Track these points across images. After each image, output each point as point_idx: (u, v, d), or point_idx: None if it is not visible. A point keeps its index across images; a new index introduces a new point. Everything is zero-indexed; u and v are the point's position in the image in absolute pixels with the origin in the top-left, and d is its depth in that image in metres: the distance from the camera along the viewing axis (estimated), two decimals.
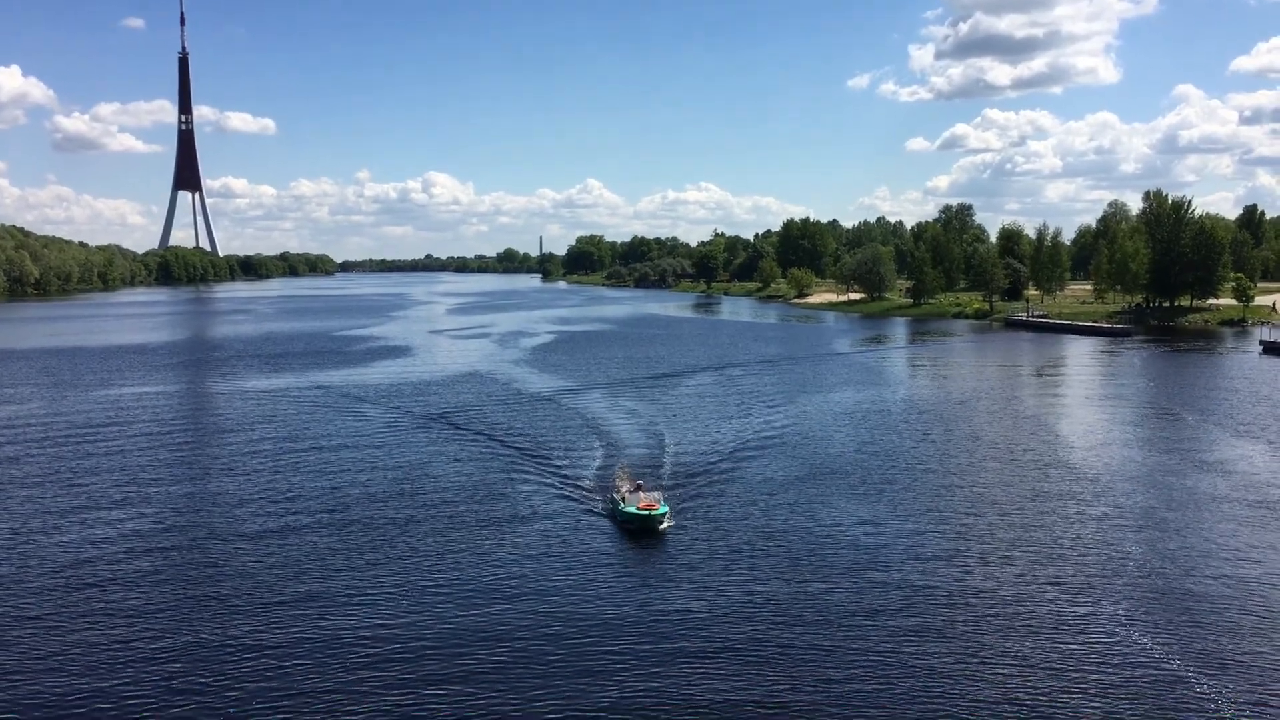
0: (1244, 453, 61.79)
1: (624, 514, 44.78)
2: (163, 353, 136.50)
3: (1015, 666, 30.19)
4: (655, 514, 44.13)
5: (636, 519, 44.29)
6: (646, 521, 44.07)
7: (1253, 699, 28.05)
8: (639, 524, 44.22)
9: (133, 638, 32.93)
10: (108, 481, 55.61)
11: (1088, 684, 29.02)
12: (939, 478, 55.46)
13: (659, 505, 45.08)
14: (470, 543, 43.18)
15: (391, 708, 27.49)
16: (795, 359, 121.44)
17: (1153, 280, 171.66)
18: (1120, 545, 42.62)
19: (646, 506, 44.53)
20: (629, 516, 44.50)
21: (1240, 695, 28.26)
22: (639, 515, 44.19)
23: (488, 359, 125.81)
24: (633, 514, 44.37)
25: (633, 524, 44.36)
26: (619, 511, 45.40)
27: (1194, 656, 30.90)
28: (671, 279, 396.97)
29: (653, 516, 44.03)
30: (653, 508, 44.49)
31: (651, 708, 27.67)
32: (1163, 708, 27.54)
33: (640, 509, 44.37)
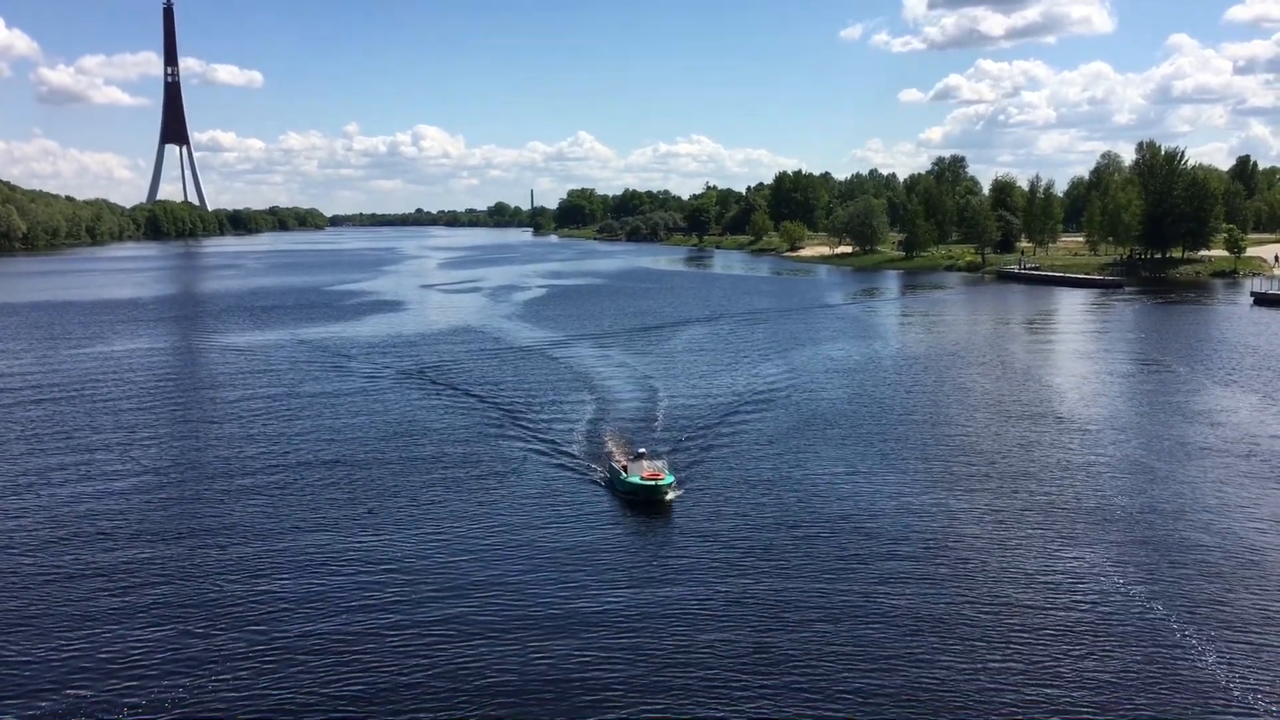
0: (1233, 404, 62.04)
1: (627, 484, 41.97)
2: (153, 308, 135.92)
3: (1003, 613, 30.40)
4: (661, 484, 41.48)
5: (641, 490, 41.48)
6: (652, 492, 41.30)
7: (1236, 645, 28.31)
8: (643, 495, 41.41)
9: (125, 590, 33.01)
10: (100, 435, 55.53)
11: (1074, 629, 29.27)
12: (933, 430, 55.62)
13: (664, 474, 42.32)
14: (462, 516, 40.48)
15: (381, 682, 27.21)
16: (788, 312, 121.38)
17: (1145, 232, 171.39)
18: (1108, 494, 42.88)
19: (651, 476, 41.76)
20: (633, 487, 41.70)
21: (1223, 642, 28.53)
22: (643, 486, 41.42)
23: (479, 314, 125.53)
24: (636, 484, 41.59)
25: (636, 495, 41.56)
26: (621, 481, 42.58)
27: (1179, 604, 31.16)
28: (663, 232, 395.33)
29: (658, 487, 41.34)
30: (658, 477, 41.77)
31: (664, 699, 25.90)
32: (1147, 653, 27.79)
33: (644, 479, 41.61)
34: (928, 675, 26.64)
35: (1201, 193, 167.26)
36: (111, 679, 26.94)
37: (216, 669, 27.41)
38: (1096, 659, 27.54)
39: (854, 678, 26.60)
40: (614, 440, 52.16)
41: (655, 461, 43.62)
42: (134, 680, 26.86)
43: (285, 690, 26.29)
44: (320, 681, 26.73)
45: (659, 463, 43.61)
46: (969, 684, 26.16)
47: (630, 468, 42.62)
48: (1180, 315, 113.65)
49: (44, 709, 25.48)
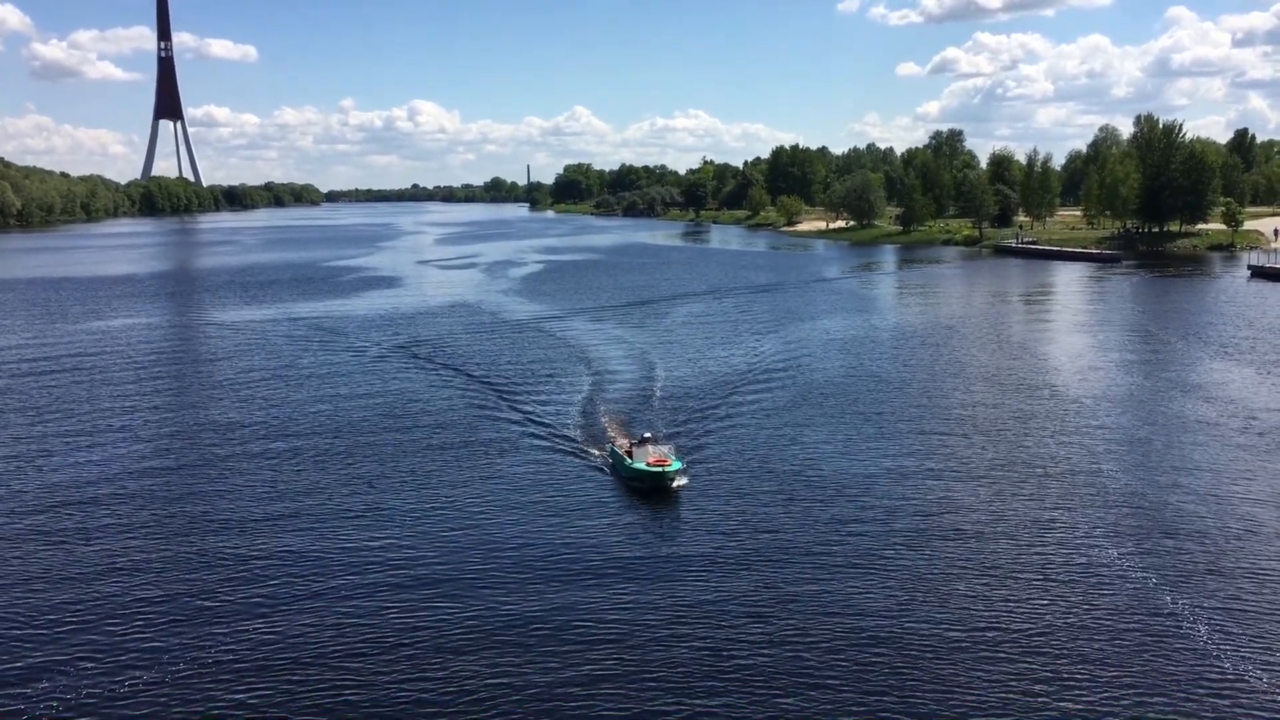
0: (1230, 377, 62.15)
1: (632, 471, 40.01)
2: (150, 284, 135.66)
3: (999, 584, 30.58)
4: (668, 471, 39.48)
5: (647, 477, 39.53)
6: (659, 479, 39.35)
7: (1229, 616, 28.49)
8: (650, 482, 39.52)
9: (120, 564, 33.14)
10: (98, 411, 55.55)
11: (1068, 600, 29.44)
12: (933, 405, 55.76)
13: (671, 460, 40.33)
14: (459, 502, 38.98)
15: (374, 678, 26.76)
16: (785, 287, 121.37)
17: (1142, 205, 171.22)
18: (1103, 466, 43.02)
19: (658, 462, 39.79)
20: (638, 474, 39.77)
21: (1216, 612, 28.70)
22: (649, 473, 39.44)
23: (477, 289, 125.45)
24: (643, 471, 39.62)
25: (642, 482, 39.68)
26: (625, 468, 40.59)
27: (1172, 574, 31.33)
28: (660, 208, 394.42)
29: (665, 474, 39.36)
30: (664, 463, 39.80)
31: (672, 694, 24.74)
32: (1139, 624, 27.96)
33: (651, 465, 39.69)
34: (929, 655, 26.80)
35: (1199, 166, 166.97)
36: (106, 651, 27.08)
37: (211, 644, 27.57)
38: (1090, 630, 27.70)
39: (865, 672, 26.72)
40: (614, 423, 50.55)
41: (661, 446, 41.74)
42: (128, 652, 27.00)
43: (281, 674, 26.43)
44: (313, 666, 26.86)
45: (665, 448, 41.72)
46: (965, 656, 26.35)
47: (635, 453, 40.80)
48: (1177, 289, 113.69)
49: (39, 677, 25.61)
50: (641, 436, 42.80)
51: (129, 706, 24.40)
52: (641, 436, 42.80)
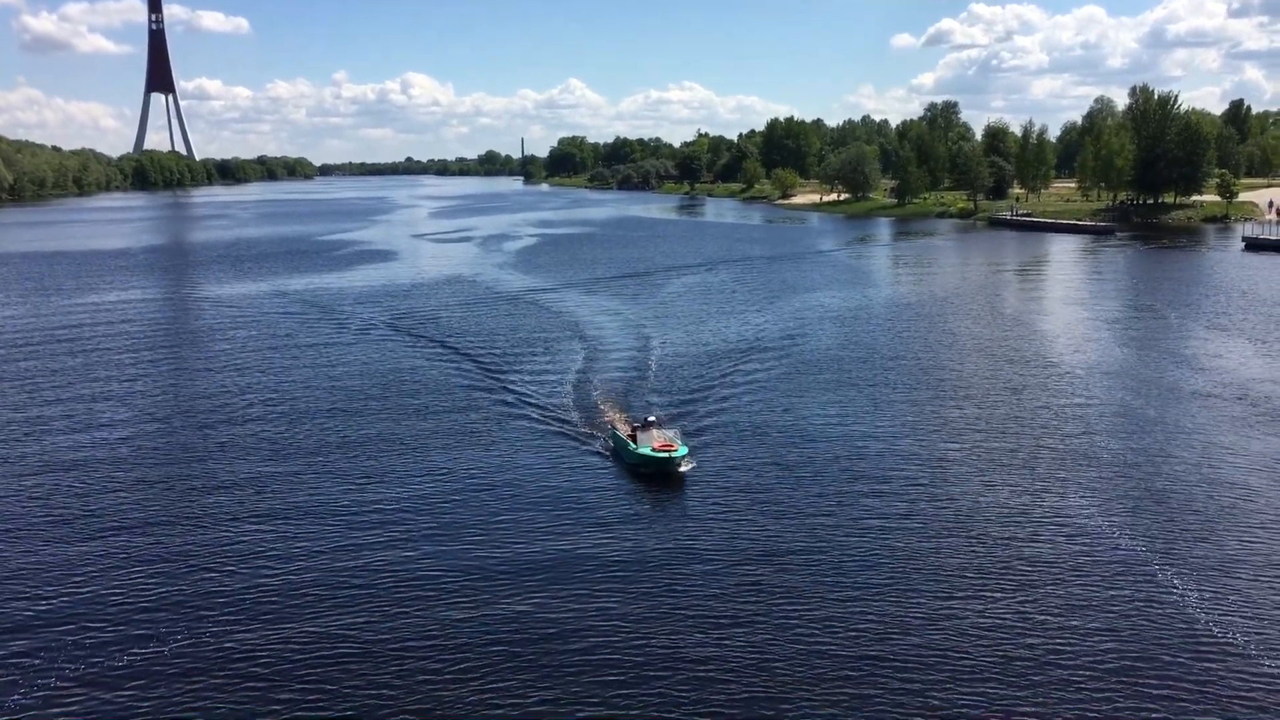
0: (1222, 348, 62.44)
1: (637, 456, 38.60)
2: (143, 258, 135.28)
3: (991, 555, 30.90)
4: (675, 456, 38.19)
5: (652, 461, 38.16)
6: (665, 464, 38.04)
7: (1218, 586, 28.84)
8: (655, 467, 38.16)
9: (114, 535, 33.35)
10: (91, 385, 55.64)
11: (1058, 571, 29.77)
12: (927, 378, 56.01)
13: (677, 445, 39.02)
14: (455, 487, 37.66)
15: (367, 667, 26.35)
16: (781, 260, 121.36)
17: (1137, 177, 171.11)
18: (1096, 437, 43.32)
19: (663, 447, 38.49)
20: (643, 459, 38.35)
21: (1205, 583, 29.04)
22: (655, 458, 38.09)
23: (471, 263, 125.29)
24: (648, 456, 38.23)
25: (648, 467, 38.30)
26: (629, 452, 39.17)
27: (1162, 545, 31.66)
28: (655, 180, 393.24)
29: (671, 459, 38.05)
30: (670, 448, 38.47)
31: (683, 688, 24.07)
32: (1129, 594, 28.29)
33: (656, 449, 38.36)
34: (930, 632, 27.12)
35: (1194, 137, 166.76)
36: (100, 621, 27.33)
37: (204, 616, 27.82)
38: (1081, 600, 28.03)
39: (870, 655, 27.00)
40: (613, 405, 49.03)
41: (666, 430, 40.33)
42: (122, 624, 27.23)
43: (273, 650, 26.69)
44: (305, 643, 27.14)
45: (670, 431, 40.32)
46: (960, 628, 26.68)
47: (639, 437, 39.32)
48: (1171, 261, 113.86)
49: (33, 651, 25.83)
50: (644, 419, 41.19)
51: (129, 666, 24.64)
52: (644, 419, 41.19)
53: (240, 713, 23.06)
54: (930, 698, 23.31)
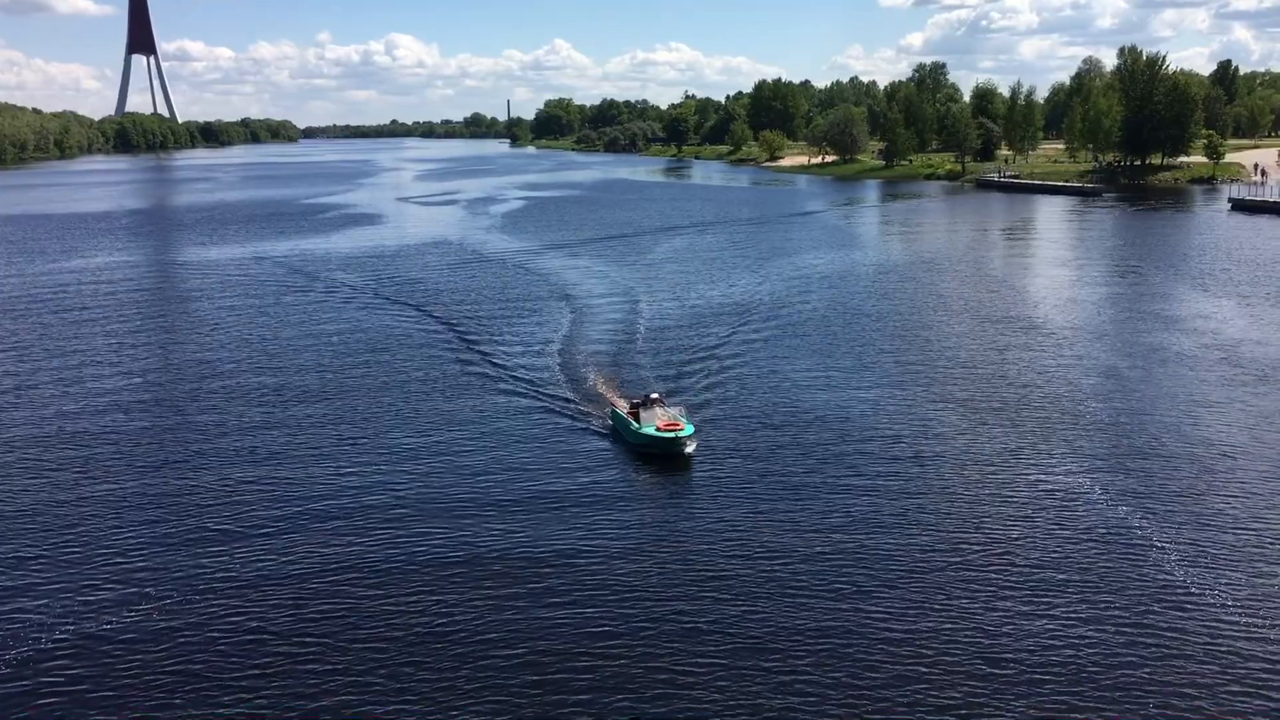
0: (1208, 309, 62.73)
1: (640, 436, 36.54)
2: (127, 221, 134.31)
3: (978, 514, 31.16)
4: (680, 436, 36.09)
5: (657, 442, 36.07)
6: (671, 446, 35.96)
7: (1197, 543, 29.13)
8: (661, 448, 36.10)
9: (103, 499, 33.39)
10: (77, 347, 55.42)
11: (1041, 529, 30.03)
12: (915, 339, 56.19)
13: (683, 424, 37.00)
14: (451, 469, 35.61)
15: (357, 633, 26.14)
16: (769, 223, 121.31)
17: (1125, 138, 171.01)
18: (1082, 398, 43.58)
19: (668, 426, 36.44)
20: (648, 440, 36.27)
21: (1185, 540, 29.34)
22: (661, 438, 36.01)
23: (458, 227, 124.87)
24: (653, 437, 36.16)
25: (653, 448, 36.25)
26: (632, 432, 37.11)
27: (1144, 503, 31.94)
28: (642, 143, 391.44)
29: (677, 439, 35.96)
30: (676, 427, 36.44)
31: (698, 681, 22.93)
32: (1111, 551, 28.57)
33: (661, 429, 36.27)
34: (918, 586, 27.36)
35: (1182, 98, 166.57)
36: (92, 573, 27.42)
37: (194, 569, 27.92)
38: (1063, 558, 28.28)
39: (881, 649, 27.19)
40: (611, 378, 47.08)
41: (670, 408, 38.23)
42: (113, 583, 27.30)
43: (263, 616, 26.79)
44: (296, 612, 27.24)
45: (674, 409, 38.28)
46: (945, 583, 26.94)
47: (642, 415, 37.21)
48: (1158, 222, 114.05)
49: (25, 610, 25.89)
50: (646, 396, 38.99)
51: (121, 628, 24.73)
52: (646, 396, 38.99)
53: (231, 662, 23.17)
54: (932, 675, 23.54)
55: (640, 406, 37.97)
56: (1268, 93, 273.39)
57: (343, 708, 21.85)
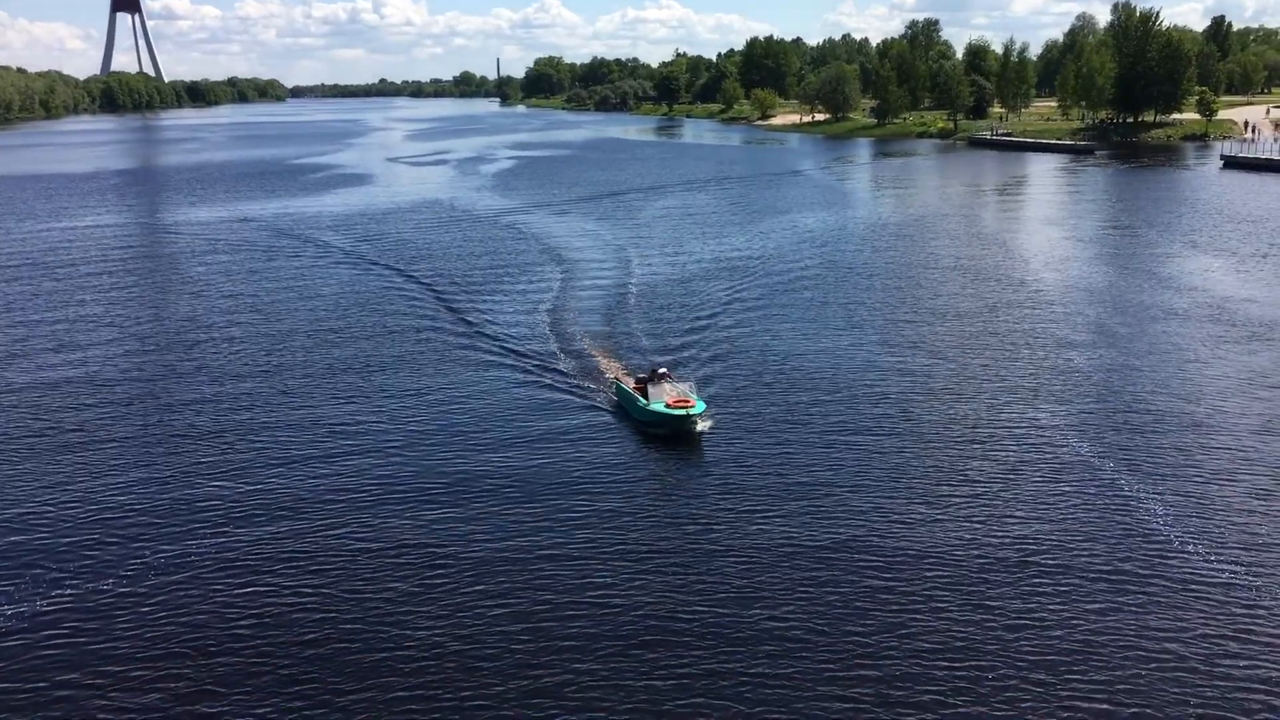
0: (1199, 267, 62.83)
1: (649, 414, 34.62)
2: (115, 182, 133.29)
3: (968, 471, 31.38)
4: (691, 413, 34.17)
5: (667, 420, 34.20)
6: (681, 423, 34.08)
7: (1183, 499, 29.38)
8: (671, 426, 34.25)
9: (96, 453, 33.44)
10: (67, 308, 55.23)
11: (1030, 487, 30.25)
12: (912, 301, 56.26)
13: (693, 400, 35.07)
14: (447, 448, 33.82)
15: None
16: (761, 183, 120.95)
17: (1118, 96, 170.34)
18: (1071, 356, 43.73)
19: (679, 403, 34.50)
20: (657, 417, 34.37)
21: (1171, 495, 29.59)
22: (671, 416, 34.05)
23: (448, 187, 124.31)
24: (662, 414, 34.19)
25: (661, 426, 34.44)
26: (639, 409, 35.29)
27: (1131, 459, 32.17)
28: (633, 101, 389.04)
29: (688, 417, 34.07)
30: (686, 404, 34.53)
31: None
32: (1098, 506, 28.82)
33: (671, 405, 34.37)
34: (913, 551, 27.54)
35: (1175, 55, 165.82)
36: (83, 532, 27.54)
37: (184, 527, 28.07)
38: (1051, 513, 28.52)
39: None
40: (614, 351, 45.10)
41: (680, 384, 36.12)
42: (103, 542, 27.42)
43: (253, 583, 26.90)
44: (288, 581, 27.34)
45: (684, 385, 36.13)
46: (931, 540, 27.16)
47: (650, 391, 35.41)
48: (1150, 180, 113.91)
49: (16, 568, 26.00)
50: (653, 370, 37.06)
51: (113, 586, 24.87)
52: (653, 370, 37.06)
53: (221, 627, 23.33)
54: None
55: (648, 381, 36.12)
56: (1261, 49, 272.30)
57: (330, 677, 22.02)
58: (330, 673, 21.74)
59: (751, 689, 20.87)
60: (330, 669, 21.87)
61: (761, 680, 21.19)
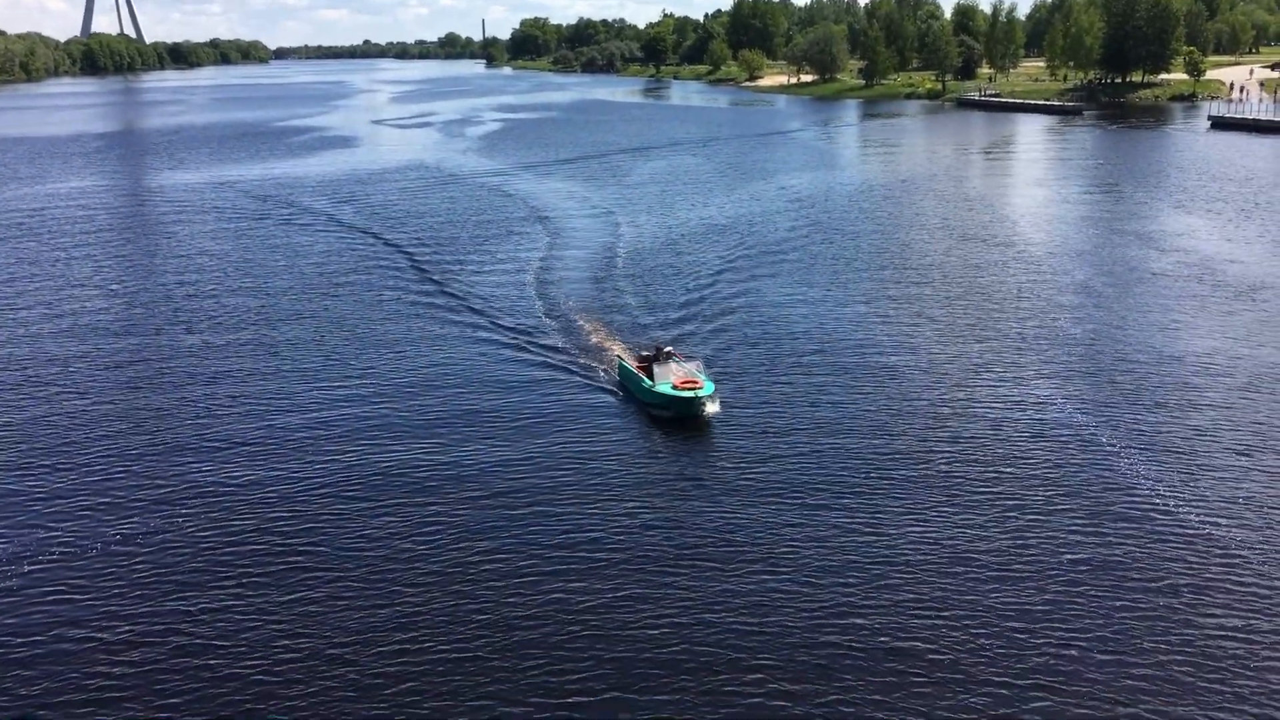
0: (1185, 227, 62.99)
1: (656, 395, 32.78)
2: (98, 145, 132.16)
3: (950, 431, 31.62)
4: (700, 395, 32.31)
5: (675, 402, 32.40)
6: (690, 406, 32.22)
7: (1169, 461, 29.65)
8: (679, 409, 32.43)
9: (72, 427, 33.45)
10: (47, 270, 54.98)
11: (1015, 447, 30.50)
12: (908, 264, 56.35)
13: (702, 381, 33.29)
14: (443, 428, 32.18)
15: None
16: (749, 147, 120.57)
17: (1106, 56, 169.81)
18: (1057, 317, 43.94)
19: (687, 384, 32.83)
20: (664, 400, 32.55)
21: (1157, 459, 29.86)
22: (679, 398, 32.27)
23: (434, 149, 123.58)
24: (670, 396, 32.41)
25: (668, 409, 32.66)
26: (645, 391, 33.38)
27: (1116, 422, 32.42)
28: (619, 63, 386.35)
29: (697, 399, 32.19)
30: (695, 385, 32.76)
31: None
32: (1082, 469, 29.06)
33: (679, 387, 32.67)
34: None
35: (1164, 14, 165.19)
36: (70, 495, 27.61)
37: (173, 495, 28.15)
38: (1035, 475, 28.76)
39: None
40: (611, 326, 43.40)
41: (687, 364, 34.47)
42: (91, 498, 27.50)
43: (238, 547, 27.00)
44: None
45: (691, 364, 34.48)
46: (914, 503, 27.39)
47: (656, 371, 33.51)
48: (1137, 140, 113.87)
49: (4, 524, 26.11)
50: (658, 348, 35.03)
51: (101, 543, 24.97)
52: (658, 348, 35.03)
53: (207, 578, 23.48)
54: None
55: (652, 360, 34.18)
56: (1250, 8, 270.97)
57: (320, 640, 22.18)
58: (321, 637, 21.91)
59: (765, 691, 20.03)
60: (322, 630, 22.03)
61: (775, 685, 20.41)
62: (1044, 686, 19.67)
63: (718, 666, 20.38)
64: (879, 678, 20.16)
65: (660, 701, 19.46)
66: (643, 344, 38.73)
